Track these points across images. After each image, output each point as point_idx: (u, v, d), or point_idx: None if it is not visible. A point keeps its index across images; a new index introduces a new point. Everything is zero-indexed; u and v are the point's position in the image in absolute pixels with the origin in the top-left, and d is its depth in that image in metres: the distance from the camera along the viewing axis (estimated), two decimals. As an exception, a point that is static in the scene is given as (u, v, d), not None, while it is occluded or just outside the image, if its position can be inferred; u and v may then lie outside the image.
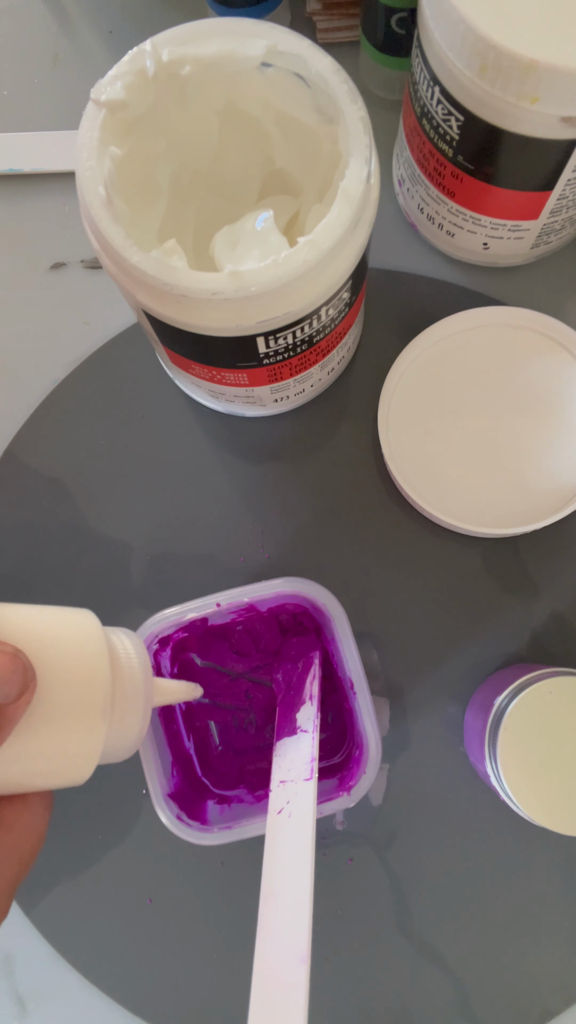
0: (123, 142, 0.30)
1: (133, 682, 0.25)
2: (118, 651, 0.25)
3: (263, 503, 0.42)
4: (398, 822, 0.39)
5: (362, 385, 0.42)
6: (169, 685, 0.29)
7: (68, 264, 0.45)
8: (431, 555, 0.41)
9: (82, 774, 0.24)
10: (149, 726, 0.34)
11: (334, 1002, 0.38)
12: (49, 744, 0.23)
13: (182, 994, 0.39)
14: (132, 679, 0.25)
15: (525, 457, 0.39)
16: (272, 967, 0.25)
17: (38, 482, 0.43)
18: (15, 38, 0.48)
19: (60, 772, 0.24)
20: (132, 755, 0.26)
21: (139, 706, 0.25)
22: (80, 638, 0.24)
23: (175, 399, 0.43)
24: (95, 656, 0.24)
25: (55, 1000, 0.39)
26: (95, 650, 0.24)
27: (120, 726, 0.25)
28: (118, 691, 0.25)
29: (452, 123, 0.33)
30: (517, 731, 0.33)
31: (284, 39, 0.29)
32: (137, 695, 0.25)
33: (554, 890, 0.38)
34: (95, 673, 0.24)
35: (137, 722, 0.25)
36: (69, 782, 0.24)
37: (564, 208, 0.36)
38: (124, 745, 0.25)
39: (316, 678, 0.36)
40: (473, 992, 0.38)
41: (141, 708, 0.25)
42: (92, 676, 0.24)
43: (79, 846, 0.40)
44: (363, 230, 0.30)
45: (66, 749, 0.23)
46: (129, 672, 0.25)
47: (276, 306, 0.29)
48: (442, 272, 0.43)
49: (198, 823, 0.34)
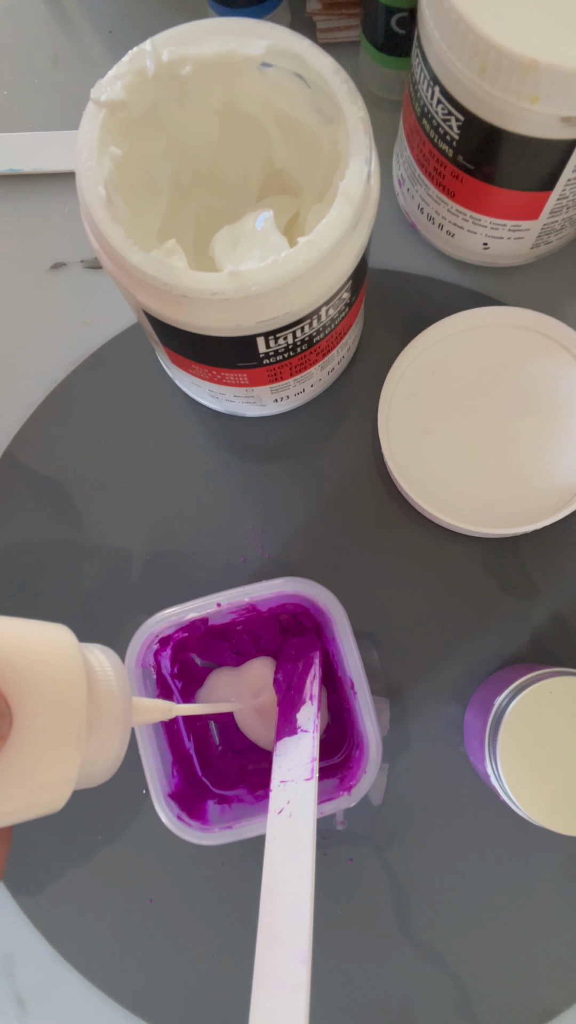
0: (123, 142, 0.30)
1: (112, 703, 0.24)
2: (95, 669, 0.24)
3: (263, 503, 0.42)
4: (398, 822, 0.39)
5: (362, 385, 0.42)
6: (146, 704, 0.28)
7: (68, 264, 0.45)
8: (431, 555, 0.41)
9: (54, 804, 0.22)
10: (148, 727, 0.34)
11: (334, 1002, 0.38)
12: (19, 775, 0.21)
13: (182, 994, 0.39)
14: (111, 699, 0.24)
15: (525, 457, 0.39)
16: (272, 967, 0.25)
17: (38, 482, 0.43)
18: (15, 38, 0.48)
19: (31, 804, 0.22)
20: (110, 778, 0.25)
21: (117, 728, 0.24)
22: (54, 656, 0.22)
23: (175, 399, 0.43)
24: (71, 676, 0.22)
25: (55, 1000, 0.39)
26: (71, 669, 0.22)
27: (98, 750, 0.23)
28: (96, 713, 0.23)
29: (452, 123, 0.33)
30: (517, 731, 0.33)
31: (284, 39, 0.29)
32: (115, 717, 0.24)
33: (554, 890, 0.38)
34: (71, 696, 0.22)
35: (116, 744, 0.24)
36: (41, 812, 0.22)
37: (564, 208, 0.36)
38: (101, 769, 0.24)
39: (316, 678, 0.36)
40: (473, 992, 0.38)
41: (120, 730, 0.24)
42: (67, 700, 0.22)
43: (79, 846, 0.40)
44: (363, 230, 0.30)
45: (37, 780, 0.21)
46: (107, 692, 0.24)
47: (276, 306, 0.29)
48: (442, 272, 0.43)
49: (198, 823, 0.34)
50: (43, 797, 0.22)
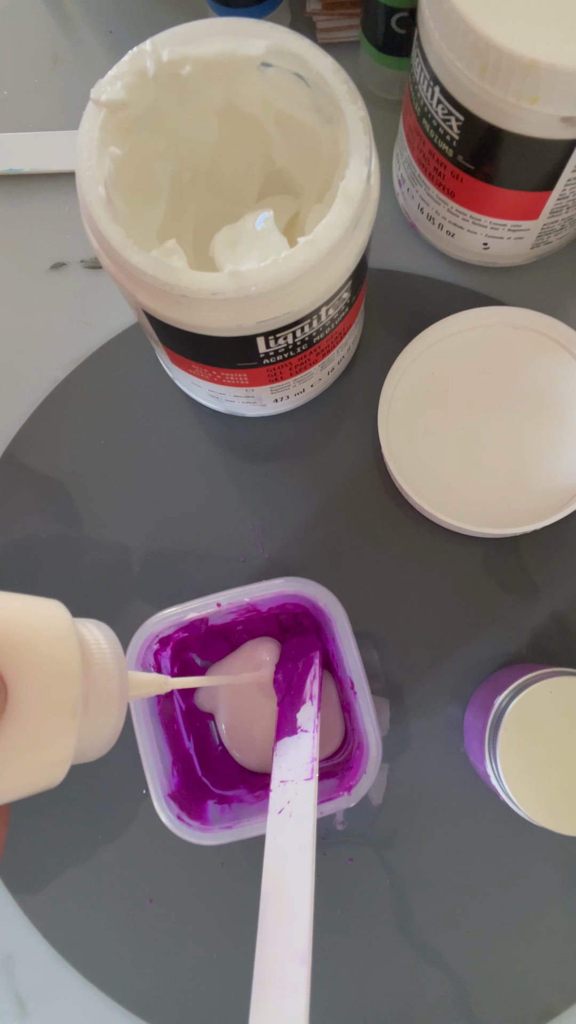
0: (123, 142, 0.30)
1: (107, 677, 0.24)
2: (90, 644, 0.24)
3: (263, 503, 0.42)
4: (398, 822, 0.39)
5: (362, 385, 0.42)
6: (142, 678, 0.28)
7: (68, 264, 0.45)
8: (431, 555, 0.41)
9: (53, 779, 0.22)
10: (148, 727, 0.34)
11: (334, 1002, 0.38)
12: (16, 751, 0.21)
13: (182, 994, 0.39)
14: (106, 673, 0.24)
15: (525, 457, 0.39)
16: (272, 967, 0.25)
17: (38, 482, 0.43)
18: (15, 38, 0.48)
19: (29, 779, 0.22)
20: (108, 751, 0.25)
21: (114, 702, 0.24)
22: (48, 630, 0.22)
23: (175, 399, 0.43)
24: (65, 651, 0.22)
25: (55, 1000, 0.39)
26: (65, 644, 0.22)
27: (95, 724, 0.23)
28: (91, 687, 0.23)
29: (452, 123, 0.33)
30: (517, 731, 0.33)
31: (284, 39, 0.29)
32: (112, 690, 0.24)
33: (554, 890, 0.38)
34: (65, 669, 0.22)
35: (112, 719, 0.24)
36: (40, 788, 0.22)
37: (564, 208, 0.36)
38: (99, 743, 0.24)
39: (316, 678, 0.36)
40: (473, 992, 0.38)
41: (116, 704, 0.24)
42: (62, 673, 0.22)
43: (79, 846, 0.40)
44: (363, 230, 0.30)
45: (35, 754, 0.21)
46: (102, 666, 0.24)
47: (276, 306, 0.29)
48: (442, 272, 0.43)
49: (198, 823, 0.34)
50: (41, 771, 0.22)
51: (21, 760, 0.21)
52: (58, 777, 0.22)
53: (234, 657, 0.39)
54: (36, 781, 0.22)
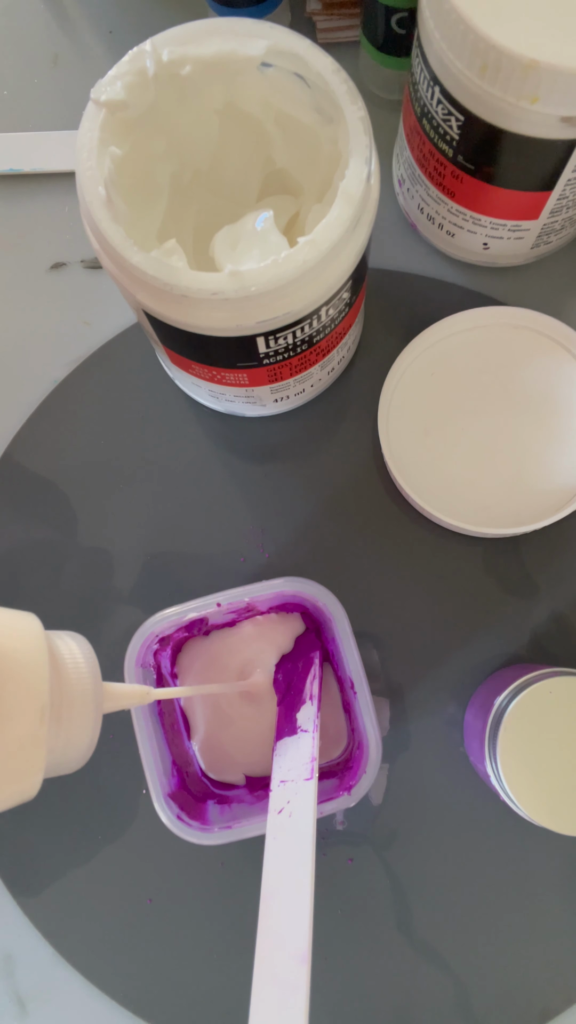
0: (123, 142, 0.30)
1: (80, 687, 0.24)
2: (63, 654, 0.24)
3: (263, 503, 0.42)
4: (398, 822, 0.39)
5: (362, 385, 0.42)
6: (120, 689, 0.27)
7: (68, 264, 0.45)
8: (431, 555, 0.41)
9: (26, 788, 0.22)
10: (148, 727, 0.34)
11: (334, 1002, 0.38)
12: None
13: (182, 994, 0.39)
14: (79, 684, 0.24)
15: (525, 457, 0.39)
16: (272, 967, 0.25)
17: (37, 482, 0.43)
18: (15, 38, 0.48)
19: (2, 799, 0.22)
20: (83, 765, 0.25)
21: (88, 712, 0.24)
22: (16, 640, 0.23)
23: (175, 399, 0.43)
24: (32, 659, 0.22)
25: (55, 1000, 0.39)
26: (32, 653, 0.23)
27: (68, 735, 0.23)
28: (63, 697, 0.23)
29: (452, 123, 0.33)
30: (517, 731, 0.33)
31: (284, 39, 0.29)
32: (85, 700, 0.24)
33: (554, 890, 0.38)
34: (33, 678, 0.22)
35: (87, 732, 0.24)
36: (14, 798, 0.22)
37: (564, 208, 0.36)
38: (74, 755, 0.24)
39: (316, 678, 0.36)
40: (473, 992, 0.38)
41: (91, 714, 0.24)
42: (29, 681, 0.22)
43: (79, 846, 0.40)
44: (363, 230, 0.30)
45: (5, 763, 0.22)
46: (76, 676, 0.24)
47: (276, 306, 0.29)
48: (442, 272, 0.43)
49: (198, 823, 0.34)
50: (13, 780, 0.22)
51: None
52: (30, 787, 0.22)
53: (229, 655, 0.39)
54: (8, 791, 0.22)
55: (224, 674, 0.38)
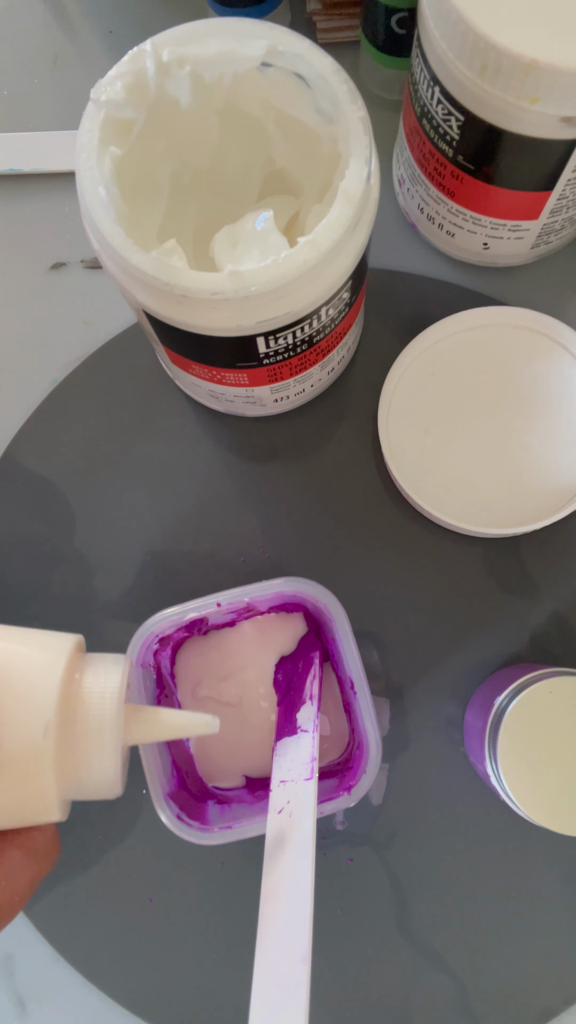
0: (123, 142, 0.30)
1: (99, 719, 0.24)
2: (85, 687, 0.24)
3: (263, 503, 0.42)
4: (398, 822, 0.39)
5: (362, 385, 0.42)
6: (174, 719, 0.27)
7: (68, 264, 0.45)
8: (431, 555, 0.41)
9: (46, 815, 0.23)
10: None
11: (334, 1002, 0.38)
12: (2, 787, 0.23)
13: (182, 994, 0.39)
14: (99, 716, 0.24)
15: (525, 457, 0.39)
16: (272, 967, 0.25)
17: (37, 482, 0.43)
18: (15, 38, 0.48)
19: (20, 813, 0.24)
20: (121, 792, 0.26)
21: (108, 743, 0.24)
22: (35, 658, 0.24)
23: (175, 399, 0.43)
24: (43, 676, 0.24)
25: (55, 1000, 0.39)
26: (45, 670, 0.24)
27: (87, 765, 0.24)
28: (80, 729, 0.24)
29: (452, 123, 0.33)
30: (517, 731, 0.33)
31: (284, 39, 0.29)
32: (103, 732, 0.24)
33: (554, 890, 0.38)
34: (40, 693, 0.23)
35: (110, 759, 0.24)
36: (36, 821, 0.24)
37: (564, 208, 0.36)
38: (102, 782, 0.25)
39: (316, 678, 0.36)
40: (473, 992, 0.38)
41: (112, 745, 0.24)
42: (36, 696, 0.23)
43: (79, 846, 0.40)
44: (363, 230, 0.30)
45: (19, 791, 0.23)
46: (98, 709, 0.24)
47: (276, 306, 0.29)
48: (442, 272, 0.43)
49: (198, 823, 0.34)
50: (28, 804, 0.23)
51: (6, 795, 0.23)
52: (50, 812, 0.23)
53: (228, 656, 0.39)
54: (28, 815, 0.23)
55: (223, 674, 0.38)
